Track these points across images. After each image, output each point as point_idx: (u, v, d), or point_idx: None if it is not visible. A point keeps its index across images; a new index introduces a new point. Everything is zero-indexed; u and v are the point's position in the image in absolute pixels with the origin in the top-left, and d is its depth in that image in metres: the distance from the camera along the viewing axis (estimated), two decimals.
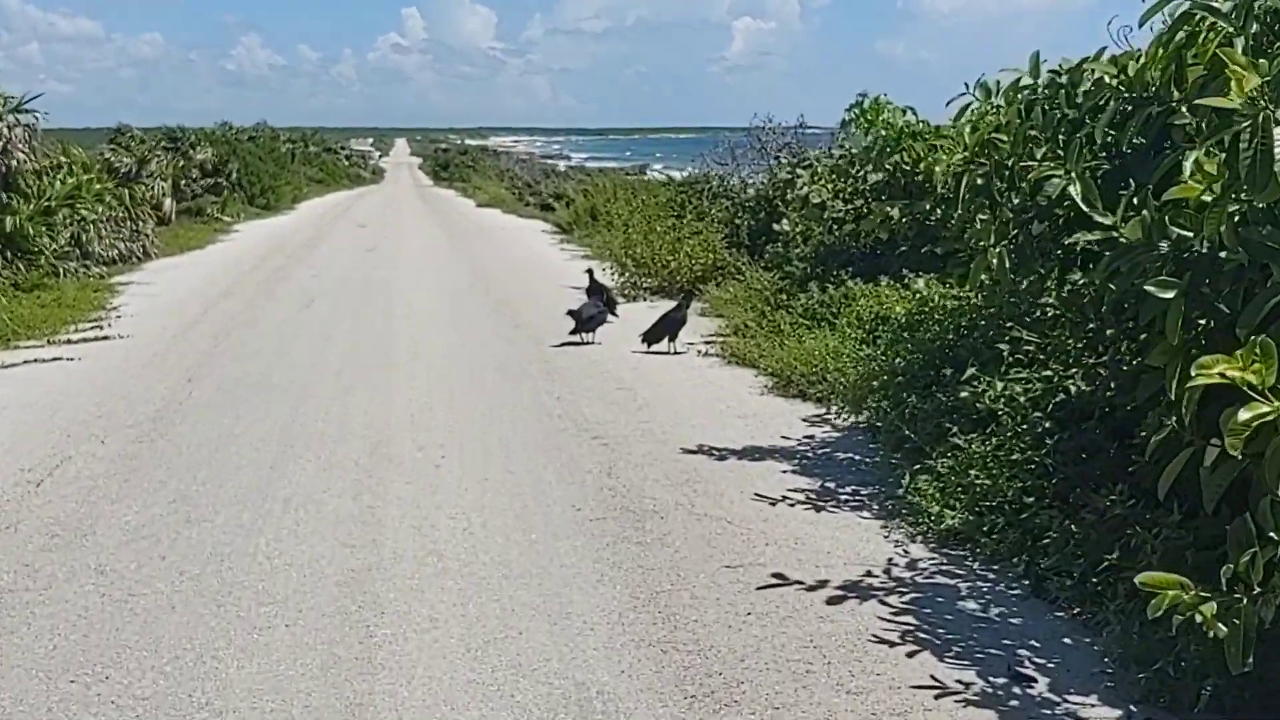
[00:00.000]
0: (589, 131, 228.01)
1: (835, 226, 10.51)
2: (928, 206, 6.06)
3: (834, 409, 7.24)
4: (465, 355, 8.73)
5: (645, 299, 12.13)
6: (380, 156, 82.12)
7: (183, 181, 24.42)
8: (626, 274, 12.56)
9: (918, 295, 7.93)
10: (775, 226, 11.87)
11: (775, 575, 4.45)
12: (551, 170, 43.43)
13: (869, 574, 4.52)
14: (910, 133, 5.88)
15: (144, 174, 21.13)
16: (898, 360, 6.21)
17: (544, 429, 6.59)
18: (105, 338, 9.63)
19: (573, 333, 9.45)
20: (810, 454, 6.28)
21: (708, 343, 9.53)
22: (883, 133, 5.92)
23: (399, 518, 4.97)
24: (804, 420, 7.04)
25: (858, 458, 6.20)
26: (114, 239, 15.11)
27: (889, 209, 6.08)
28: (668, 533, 4.90)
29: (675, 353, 9.09)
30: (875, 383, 6.02)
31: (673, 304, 11.51)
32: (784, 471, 5.90)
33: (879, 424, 6.43)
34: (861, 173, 9.94)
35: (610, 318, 10.21)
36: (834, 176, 10.31)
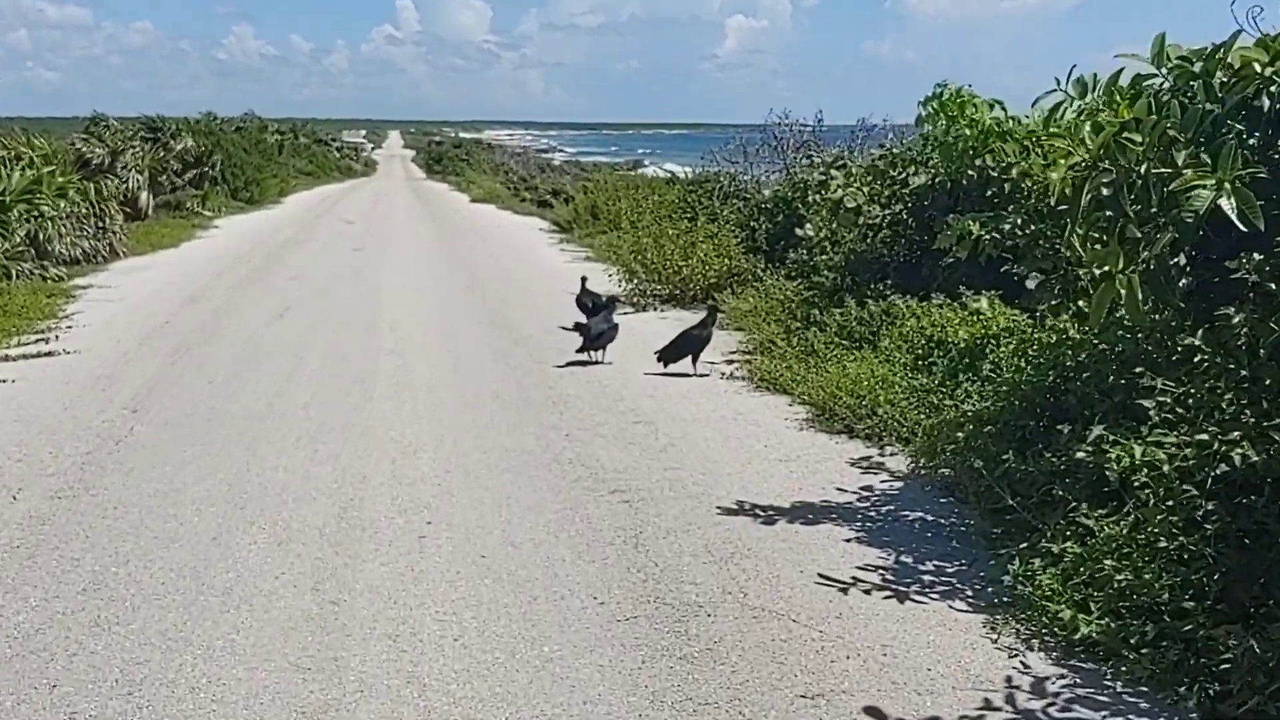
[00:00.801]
0: (581, 126, 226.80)
1: (870, 233, 9.44)
2: (1019, 220, 4.96)
3: (888, 449, 6.19)
4: (458, 380, 7.61)
5: (656, 308, 11.03)
6: (373, 149, 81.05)
7: (162, 174, 23.25)
8: (635, 281, 11.44)
9: (980, 317, 6.87)
10: (798, 231, 10.79)
11: (870, 711, 3.36)
12: (546, 165, 42.33)
13: (988, 704, 3.44)
14: (999, 132, 4.80)
15: (118, 166, 19.96)
16: (983, 403, 5.12)
17: (552, 480, 5.48)
18: (49, 353, 8.49)
19: (580, 350, 8.36)
20: (873, 513, 5.20)
21: (730, 362, 8.44)
22: (965, 131, 4.83)
23: (370, 620, 3.85)
24: (854, 464, 5.96)
25: (930, 518, 5.12)
26: (76, 237, 13.92)
27: (970, 223, 4.98)
28: (719, 640, 3.80)
29: (698, 375, 7.99)
30: (961, 433, 4.92)
31: (690, 315, 10.46)
32: (846, 540, 4.82)
33: (947, 472, 5.36)
34: (903, 175, 8.88)
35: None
36: (870, 179, 9.21)
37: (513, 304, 11.07)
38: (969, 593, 4.27)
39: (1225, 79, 4.22)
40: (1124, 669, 3.60)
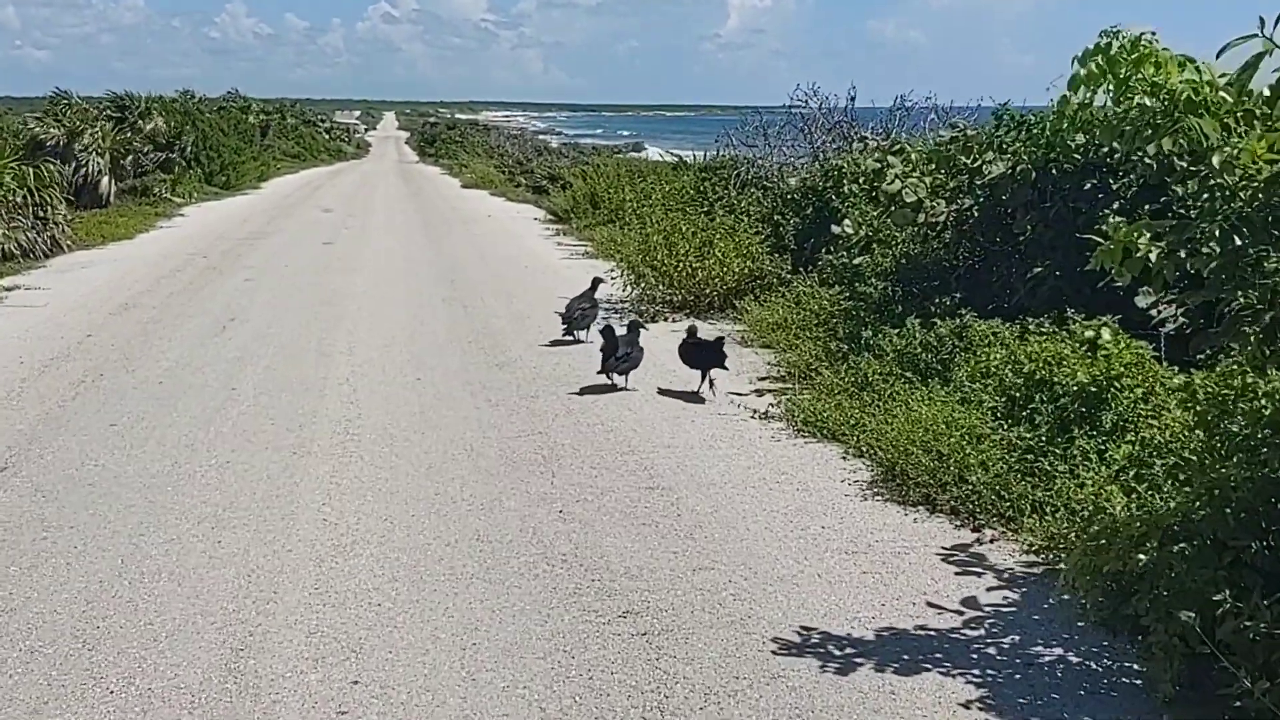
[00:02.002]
0: (580, 107, 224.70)
1: (929, 233, 7.89)
2: (1218, 232, 3.40)
3: (986, 529, 4.68)
4: (423, 426, 6.02)
5: (667, 317, 9.47)
6: (367, 130, 79.50)
7: (128, 157, 21.61)
8: (643, 285, 9.87)
9: (1103, 353, 5.33)
10: (834, 228, 9.22)
11: None
12: (544, 147, 40.63)
13: None
14: (1193, 102, 3.28)
15: (75, 148, 18.34)
16: (1167, 502, 3.57)
17: (540, 594, 3.94)
18: None
19: (602, 372, 6.89)
20: (992, 649, 3.67)
21: (761, 393, 6.92)
22: (1145, 100, 3.30)
23: None
24: (947, 558, 4.44)
25: (1075, 660, 3.61)
26: (10, 229, 12.34)
27: (1138, 234, 3.42)
28: None
29: (699, 393, 6.69)
30: (1142, 553, 3.35)
31: (707, 327, 8.94)
32: (966, 704, 3.30)
33: (1109, 592, 3.82)
34: (976, 163, 7.31)
35: (576, 335, 8.22)
36: (933, 167, 7.65)
37: (499, 314, 9.48)
38: None
39: None
40: None
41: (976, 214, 7.38)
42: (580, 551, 4.32)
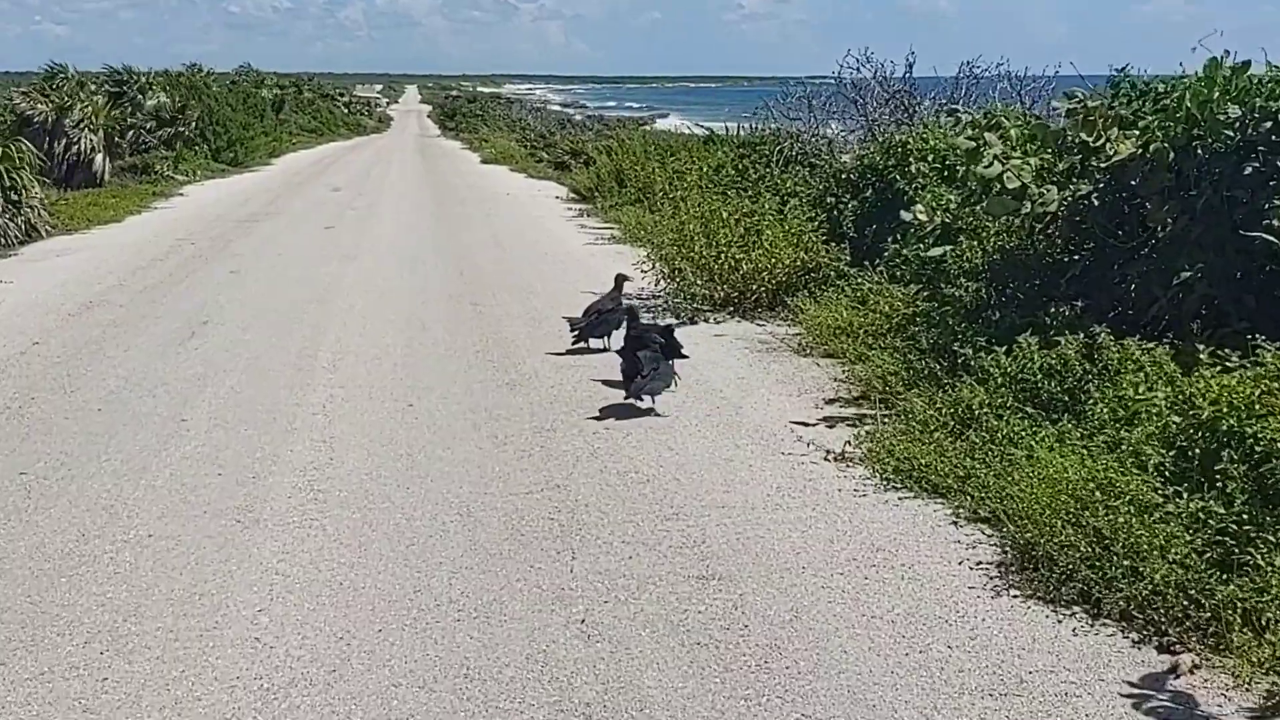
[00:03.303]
0: (603, 80, 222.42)
1: (1035, 224, 6.48)
2: None
3: (1177, 647, 3.38)
4: (408, 479, 4.70)
5: (707, 318, 8.15)
6: (389, 104, 78.60)
7: (129, 133, 20.54)
8: (679, 280, 8.55)
9: None
10: (903, 214, 7.82)
11: None
12: (567, 120, 39.23)
13: None
14: None
15: (65, 124, 17.21)
16: None
17: None
18: None
19: (629, 398, 5.69)
20: None
21: (831, 420, 5.62)
22: None
23: None
24: (1138, 702, 3.14)
25: None
26: None
27: None
28: None
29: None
30: None
31: (754, 329, 7.66)
32: None
33: None
34: (1099, 140, 5.87)
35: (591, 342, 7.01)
36: (1039, 146, 6.22)
37: (513, 314, 8.17)
38: None
39: None
40: None
41: (1095, 202, 5.97)
42: (611, 697, 3.04)
